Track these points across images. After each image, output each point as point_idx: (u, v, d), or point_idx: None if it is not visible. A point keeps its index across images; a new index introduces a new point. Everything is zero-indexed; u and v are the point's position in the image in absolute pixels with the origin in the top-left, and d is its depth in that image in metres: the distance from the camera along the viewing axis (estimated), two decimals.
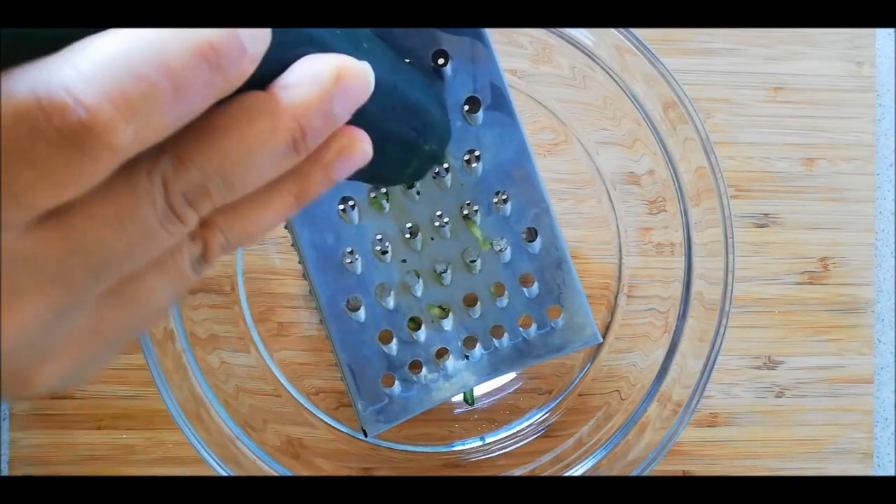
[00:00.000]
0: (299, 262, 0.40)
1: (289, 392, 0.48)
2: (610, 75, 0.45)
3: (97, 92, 0.18)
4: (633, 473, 0.43)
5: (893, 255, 0.51)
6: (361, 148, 0.24)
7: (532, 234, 0.39)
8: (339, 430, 0.47)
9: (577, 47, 0.44)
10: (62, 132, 0.18)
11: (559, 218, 0.40)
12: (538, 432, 0.48)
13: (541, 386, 0.49)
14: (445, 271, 0.40)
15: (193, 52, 0.19)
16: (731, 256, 0.43)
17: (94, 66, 0.18)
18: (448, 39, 0.37)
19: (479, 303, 0.41)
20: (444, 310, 0.41)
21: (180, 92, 0.19)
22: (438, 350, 0.42)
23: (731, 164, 0.50)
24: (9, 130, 0.18)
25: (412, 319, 0.41)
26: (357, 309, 0.40)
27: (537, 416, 0.49)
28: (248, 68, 0.20)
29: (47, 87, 0.18)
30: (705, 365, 0.43)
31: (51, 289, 0.20)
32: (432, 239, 0.40)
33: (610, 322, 0.49)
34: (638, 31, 0.43)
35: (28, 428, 0.48)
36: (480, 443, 0.48)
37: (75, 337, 0.21)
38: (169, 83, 0.19)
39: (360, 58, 0.24)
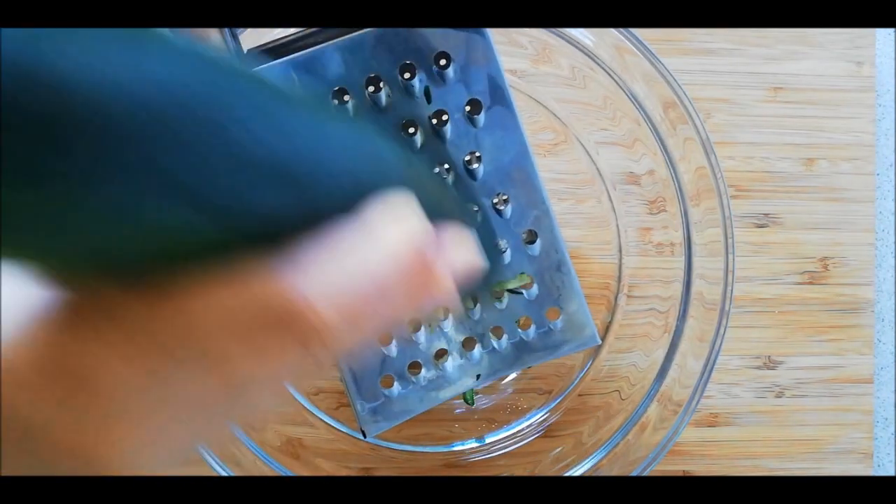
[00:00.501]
0: None
1: (289, 392, 0.48)
2: (610, 75, 0.45)
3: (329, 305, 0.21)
4: (633, 473, 0.43)
5: (893, 255, 0.51)
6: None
7: (532, 237, 0.39)
8: (339, 430, 0.47)
9: (577, 47, 0.44)
10: (291, 329, 0.21)
11: (559, 218, 0.40)
12: (538, 432, 0.48)
13: (541, 386, 0.49)
14: None
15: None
16: (731, 256, 0.43)
17: (327, 286, 0.21)
18: (450, 40, 0.37)
19: (478, 304, 0.41)
20: (443, 310, 0.41)
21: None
22: (438, 351, 0.42)
23: (731, 164, 0.50)
24: (242, 311, 0.21)
25: (411, 320, 0.41)
26: None
27: (537, 416, 0.49)
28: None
29: (291, 292, 0.21)
30: (705, 365, 0.43)
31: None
32: None
33: (610, 322, 0.49)
34: (638, 31, 0.43)
35: None
36: (480, 443, 0.48)
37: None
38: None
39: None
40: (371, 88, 0.37)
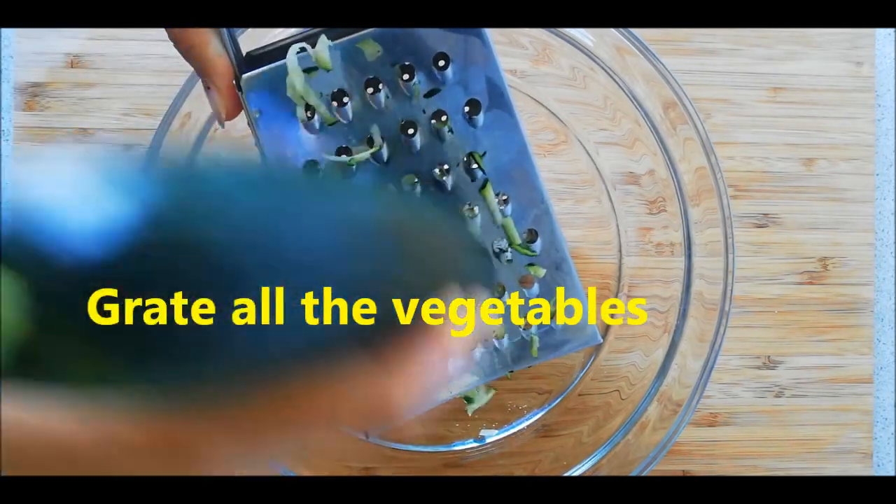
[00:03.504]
0: None
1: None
2: (610, 75, 0.45)
3: None
4: (633, 473, 0.43)
5: (893, 255, 0.51)
6: None
7: (533, 236, 0.39)
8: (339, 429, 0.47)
9: (577, 47, 0.44)
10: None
11: (559, 218, 0.40)
12: (538, 432, 0.49)
13: (541, 386, 0.49)
14: None
15: None
16: (731, 256, 0.43)
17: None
18: (448, 41, 0.37)
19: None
20: None
21: None
22: None
23: (731, 164, 0.50)
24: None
25: None
26: None
27: (537, 416, 0.49)
28: None
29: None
30: (705, 365, 0.43)
31: None
32: None
33: None
34: (638, 31, 0.43)
35: None
36: (480, 443, 0.48)
37: None
38: None
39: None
40: (370, 90, 0.37)
